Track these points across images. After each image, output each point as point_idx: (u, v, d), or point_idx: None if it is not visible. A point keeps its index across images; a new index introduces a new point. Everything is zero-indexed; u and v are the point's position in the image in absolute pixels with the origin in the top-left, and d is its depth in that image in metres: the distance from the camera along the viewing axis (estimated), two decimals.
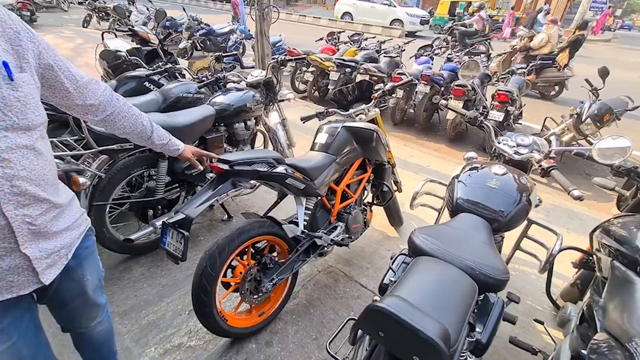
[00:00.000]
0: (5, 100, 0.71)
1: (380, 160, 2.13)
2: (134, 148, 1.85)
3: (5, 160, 0.72)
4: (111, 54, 3.27)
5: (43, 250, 0.83)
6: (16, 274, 0.80)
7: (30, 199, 0.78)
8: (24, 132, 0.75)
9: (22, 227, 0.77)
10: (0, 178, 0.72)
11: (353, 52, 6.24)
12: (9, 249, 0.77)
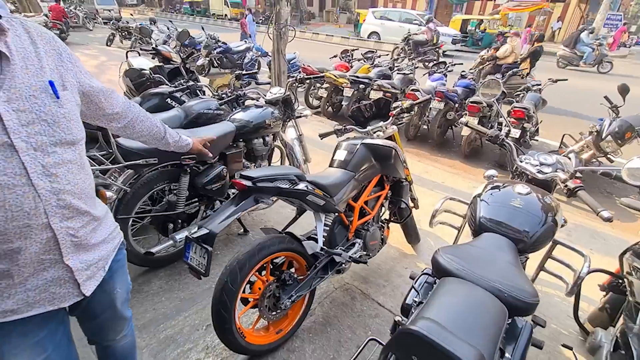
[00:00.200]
0: (53, 117, 0.76)
1: (398, 177, 2.13)
2: (157, 163, 1.90)
3: (53, 174, 0.76)
4: (136, 72, 3.41)
5: (83, 262, 0.86)
6: (59, 285, 0.82)
7: (74, 211, 0.82)
8: (69, 146, 0.80)
9: (66, 239, 0.80)
10: (49, 192, 0.75)
11: (366, 69, 6.33)
12: (53, 261, 0.80)
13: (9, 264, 0.74)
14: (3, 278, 0.75)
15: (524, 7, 16.84)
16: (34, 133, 0.72)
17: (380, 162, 1.99)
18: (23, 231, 0.73)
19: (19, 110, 0.70)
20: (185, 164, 1.99)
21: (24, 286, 0.77)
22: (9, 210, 0.70)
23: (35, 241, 0.75)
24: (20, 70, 0.71)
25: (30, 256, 0.76)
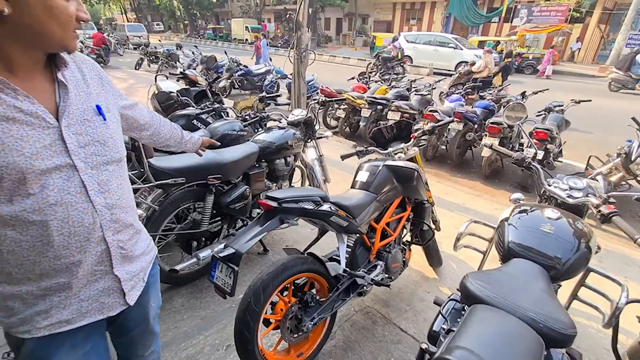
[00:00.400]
0: (104, 137, 0.82)
1: (420, 199, 2.12)
2: (185, 182, 1.96)
3: (106, 191, 0.82)
4: (165, 94, 3.59)
5: (129, 272, 0.90)
6: (107, 295, 0.86)
7: (122, 225, 0.87)
8: (117, 164, 0.86)
9: (116, 251, 0.85)
10: (104, 207, 0.81)
11: (384, 90, 6.42)
12: (104, 272, 0.85)
13: (69, 277, 0.79)
14: (63, 290, 0.79)
15: (541, 28, 16.85)
16: (90, 154, 0.78)
17: (402, 184, 1.99)
18: (83, 245, 0.78)
19: (77, 134, 0.76)
20: (210, 183, 2.06)
21: (77, 297, 0.81)
22: (72, 226, 0.76)
23: (91, 254, 0.81)
24: (74, 97, 0.78)
25: (87, 268, 0.81)
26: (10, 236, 0.71)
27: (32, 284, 0.76)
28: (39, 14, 0.65)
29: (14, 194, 0.69)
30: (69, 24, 0.70)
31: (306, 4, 4.32)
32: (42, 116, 0.71)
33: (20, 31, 0.66)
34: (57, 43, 0.72)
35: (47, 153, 0.71)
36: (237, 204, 2.19)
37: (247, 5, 32.67)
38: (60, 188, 0.73)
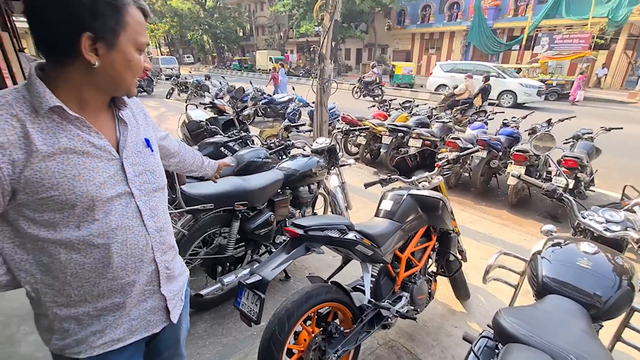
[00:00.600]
0: (152, 167, 0.90)
1: (445, 228, 2.09)
2: (213, 208, 2.03)
3: (156, 215, 0.88)
4: (195, 123, 3.80)
5: (172, 291, 0.95)
6: (154, 313, 0.91)
7: (167, 246, 0.93)
8: (161, 191, 0.93)
9: (163, 271, 0.91)
10: (154, 230, 0.87)
11: (404, 117, 6.49)
12: (153, 291, 0.90)
13: (123, 297, 0.84)
14: (117, 310, 0.84)
15: (564, 55, 16.70)
16: (143, 182, 0.86)
17: (427, 213, 1.97)
18: (137, 266, 0.84)
19: (133, 164, 0.84)
20: (237, 209, 2.12)
21: (129, 316, 0.86)
22: (130, 248, 0.82)
23: (144, 274, 0.86)
24: (131, 132, 0.87)
25: (139, 288, 0.86)
26: (75, 259, 0.76)
27: (89, 305, 0.81)
28: (120, 67, 0.75)
29: (82, 220, 0.75)
30: (138, 73, 0.80)
31: (329, 38, 4.54)
32: (108, 150, 0.79)
33: (100, 79, 0.75)
34: (125, 89, 0.81)
35: (112, 182, 0.79)
36: (262, 230, 2.23)
37: (272, 38, 34.52)
38: (120, 213, 0.80)
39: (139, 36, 0.77)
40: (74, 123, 0.74)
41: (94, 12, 0.68)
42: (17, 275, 0.77)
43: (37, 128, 0.69)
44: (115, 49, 0.73)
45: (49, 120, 0.71)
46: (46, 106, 0.69)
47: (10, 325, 1.96)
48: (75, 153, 0.73)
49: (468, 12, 23.29)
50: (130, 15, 0.74)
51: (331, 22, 4.45)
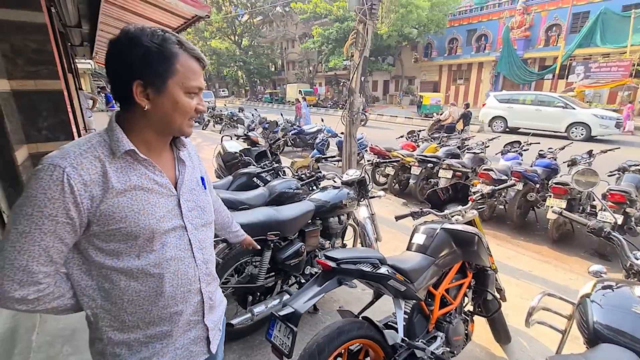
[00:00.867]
0: (203, 204, 0.97)
1: (482, 264, 2.00)
2: None
3: (204, 248, 0.94)
4: (230, 154, 4.00)
5: (213, 322, 0.99)
6: (196, 343, 0.94)
7: (211, 277, 0.98)
8: (209, 226, 1.00)
9: (207, 301, 0.95)
10: (202, 262, 0.93)
11: (434, 148, 6.44)
12: (197, 321, 0.94)
13: (171, 325, 0.88)
14: (165, 338, 0.88)
15: (602, 84, 16.10)
16: (194, 217, 0.93)
17: (462, 248, 1.92)
18: (185, 296, 0.89)
19: (187, 201, 0.92)
20: (269, 239, 2.16)
21: (174, 345, 0.90)
22: (180, 278, 0.88)
23: (190, 304, 0.91)
24: (187, 171, 0.95)
25: (185, 317, 0.90)
26: (132, 287, 0.83)
27: (140, 332, 0.86)
28: (168, 109, 0.83)
29: (142, 250, 0.83)
30: (187, 114, 0.87)
31: (359, 73, 4.72)
32: (168, 187, 0.88)
33: (154, 121, 0.84)
34: (177, 129, 0.87)
35: (169, 216, 0.86)
36: (293, 260, 2.25)
37: (301, 72, 36.22)
38: (174, 245, 0.87)
39: (188, 81, 0.82)
40: (143, 163, 0.83)
41: (144, 62, 0.77)
42: (81, 299, 0.84)
43: (113, 168, 0.79)
44: (163, 93, 0.80)
45: (123, 161, 0.81)
46: (122, 149, 0.79)
47: (54, 345, 2.07)
48: (142, 190, 0.82)
49: (496, 43, 23.35)
50: (180, 63, 0.81)
51: (360, 58, 4.65)
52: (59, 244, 0.76)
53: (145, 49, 0.77)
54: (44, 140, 2.76)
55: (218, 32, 33.99)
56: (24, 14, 2.47)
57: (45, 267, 0.76)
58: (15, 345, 2.03)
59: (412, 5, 21.22)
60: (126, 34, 0.78)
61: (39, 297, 0.78)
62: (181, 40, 0.82)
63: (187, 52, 0.83)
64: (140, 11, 4.15)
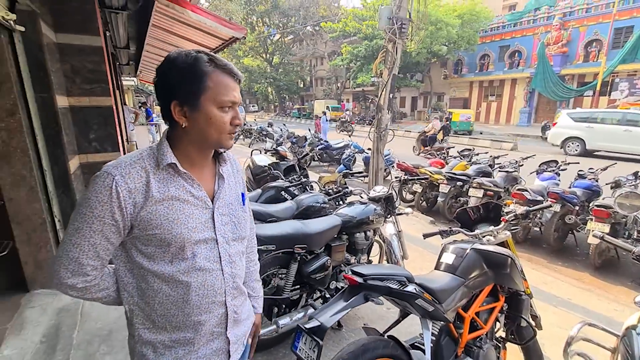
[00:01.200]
0: (239, 219, 1.00)
1: (515, 288, 1.92)
2: (274, 250, 2.14)
3: (233, 262, 0.97)
4: (259, 167, 4.13)
5: (236, 335, 1.00)
6: (217, 355, 0.96)
7: (238, 292, 1.00)
8: (242, 241, 1.03)
9: (232, 315, 0.97)
10: (229, 275, 0.96)
11: (463, 166, 6.28)
12: (219, 333, 0.96)
13: (194, 333, 0.92)
14: (187, 345, 0.92)
15: None
16: (227, 231, 0.96)
17: (494, 270, 1.85)
18: (209, 307, 0.92)
19: (222, 214, 0.96)
20: (296, 252, 2.20)
21: (196, 353, 0.93)
22: (206, 288, 0.91)
23: (214, 315, 0.94)
24: (226, 186, 1.00)
25: (208, 328, 0.93)
26: (163, 290, 0.89)
27: (166, 334, 0.91)
28: (202, 124, 0.88)
29: (174, 257, 0.88)
30: (222, 128, 0.88)
31: (387, 90, 4.77)
32: (204, 200, 0.92)
33: (194, 137, 0.90)
34: (215, 142, 0.91)
35: (202, 228, 0.91)
36: (318, 274, 2.27)
37: (329, 88, 36.88)
38: (204, 256, 0.91)
39: (220, 96, 0.85)
40: (183, 176, 0.89)
41: (179, 83, 0.84)
42: (122, 294, 0.92)
43: (156, 178, 0.86)
44: (198, 110, 0.85)
45: (165, 172, 0.88)
46: (165, 162, 0.87)
47: (93, 343, 2.19)
48: (178, 200, 0.88)
49: (531, 59, 22.68)
50: (211, 79, 0.85)
51: (389, 76, 4.70)
52: (105, 242, 0.84)
53: (179, 70, 0.84)
54: (93, 151, 3.01)
55: (251, 50, 35.57)
56: (85, 39, 2.75)
57: (93, 261, 0.85)
58: (58, 341, 2.18)
59: (442, 23, 21.21)
60: (166, 59, 0.86)
61: (86, 287, 0.87)
62: (213, 58, 0.87)
63: (218, 68, 0.86)
64: (182, 33, 4.47)
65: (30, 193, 2.45)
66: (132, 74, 11.35)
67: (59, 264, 0.83)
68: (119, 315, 2.40)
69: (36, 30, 2.34)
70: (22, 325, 2.27)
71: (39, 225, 2.53)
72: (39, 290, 2.62)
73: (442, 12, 22.09)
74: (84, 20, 2.74)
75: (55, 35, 2.67)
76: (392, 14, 4.42)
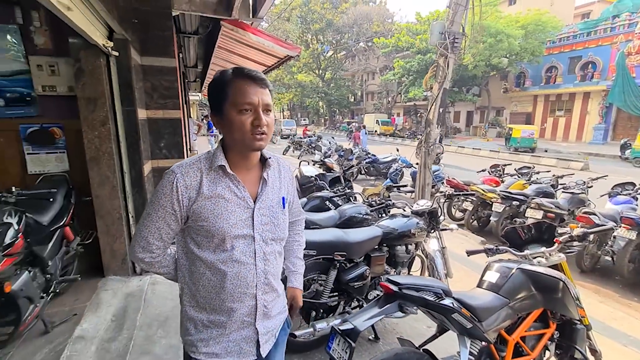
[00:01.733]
0: (278, 221, 1.10)
1: (568, 316, 1.78)
2: (315, 255, 2.24)
3: (267, 260, 1.06)
4: (306, 178, 4.31)
5: (266, 327, 1.09)
6: (246, 343, 1.06)
7: (269, 288, 1.08)
8: (279, 241, 1.12)
9: (261, 308, 1.06)
10: (262, 271, 1.04)
11: (521, 185, 5.87)
12: (249, 323, 1.06)
13: (227, 318, 1.03)
14: (220, 327, 1.04)
15: None
16: (265, 230, 1.05)
17: (543, 294, 1.75)
18: (241, 296, 1.03)
19: (262, 215, 1.05)
20: (336, 259, 2.28)
21: (227, 337, 1.04)
22: (239, 279, 1.02)
23: (245, 305, 1.04)
24: (269, 189, 1.11)
25: (239, 316, 1.04)
26: (206, 274, 1.02)
27: (204, 314, 1.03)
28: (227, 128, 1.00)
29: (217, 247, 1.01)
30: (243, 130, 0.96)
31: (437, 104, 4.70)
32: (246, 200, 1.04)
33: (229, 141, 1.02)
34: (241, 144, 0.99)
35: (241, 225, 1.02)
36: (357, 283, 2.31)
37: (380, 102, 36.79)
38: (241, 250, 1.02)
39: (237, 99, 0.94)
40: (229, 177, 1.03)
41: (211, 97, 1.00)
42: (178, 273, 1.09)
43: (207, 178, 1.01)
44: (224, 117, 0.97)
45: (215, 173, 1.02)
46: (216, 164, 1.01)
47: (152, 326, 2.46)
48: (223, 198, 1.00)
49: (608, 71, 20.44)
50: (230, 87, 0.95)
51: (440, 90, 4.63)
52: (167, 227, 1.01)
53: (211, 87, 1.00)
54: (162, 157, 3.42)
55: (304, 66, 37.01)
56: (163, 60, 3.19)
57: (157, 241, 1.02)
58: (125, 322, 2.49)
59: (503, 34, 20.16)
60: None
61: (151, 262, 1.06)
62: (235, 69, 0.99)
63: (238, 76, 0.96)
64: (243, 53, 4.91)
65: (112, 191, 2.87)
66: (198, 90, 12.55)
67: (134, 240, 1.04)
68: (174, 304, 2.67)
69: (127, 55, 2.78)
70: (98, 305, 2.64)
71: (116, 220, 2.93)
72: (112, 277, 3.01)
73: (503, 24, 21.04)
74: (164, 45, 3.18)
75: (141, 58, 3.13)
76: (444, 28, 4.39)
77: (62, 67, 2.81)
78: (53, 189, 2.54)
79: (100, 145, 2.77)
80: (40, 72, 2.79)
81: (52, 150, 2.93)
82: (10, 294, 1.82)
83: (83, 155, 2.77)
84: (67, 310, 2.56)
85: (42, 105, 2.86)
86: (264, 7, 3.24)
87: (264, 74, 1.00)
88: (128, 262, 3.05)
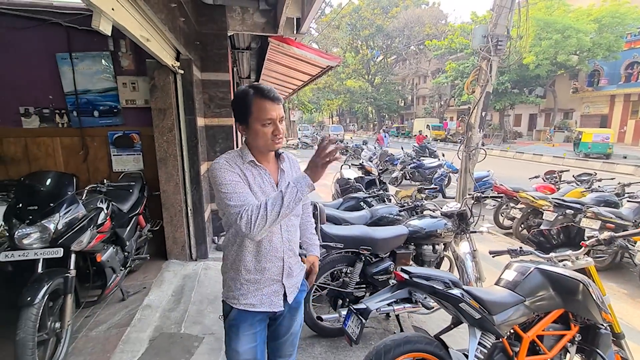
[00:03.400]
0: None
1: (592, 320, 1.77)
2: (342, 248, 2.46)
3: (289, 231, 1.37)
4: (344, 180, 4.54)
5: (289, 283, 1.39)
6: (276, 296, 1.36)
7: (292, 253, 1.39)
8: (296, 217, 1.42)
9: (287, 268, 1.37)
10: (287, 240, 1.35)
11: (579, 193, 5.43)
12: (277, 280, 1.35)
13: (260, 276, 1.33)
14: (255, 284, 1.33)
15: None
16: None
17: (562, 295, 1.76)
18: (272, 259, 1.33)
19: None
20: (361, 253, 2.47)
21: (261, 291, 1.34)
22: (271, 245, 1.32)
23: (274, 265, 1.34)
24: (286, 176, 1.40)
25: (270, 274, 1.34)
26: (248, 244, 1.31)
27: (245, 274, 1.32)
28: (252, 136, 1.29)
29: None
30: (265, 138, 1.26)
31: (479, 108, 4.62)
32: (272, 184, 1.34)
33: (252, 143, 1.32)
34: (263, 147, 1.29)
35: None
36: (381, 277, 2.48)
37: (431, 106, 35.57)
38: None
39: (260, 115, 1.22)
40: (259, 168, 1.33)
41: (236, 110, 1.28)
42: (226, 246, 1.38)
43: (245, 169, 1.30)
44: (248, 127, 1.25)
45: (250, 165, 1.32)
46: (247, 159, 1.31)
47: (203, 303, 2.87)
48: (256, 183, 1.31)
49: None
50: (254, 105, 1.22)
51: (482, 94, 4.56)
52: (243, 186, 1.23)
53: (235, 101, 1.28)
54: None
55: (354, 72, 37.24)
56: (219, 75, 3.69)
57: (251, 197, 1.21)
58: (182, 297, 2.94)
59: (571, 29, 18.38)
60: None
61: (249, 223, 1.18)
62: (257, 90, 1.23)
63: (258, 96, 1.22)
64: (289, 64, 5.32)
65: (175, 187, 3.39)
66: None
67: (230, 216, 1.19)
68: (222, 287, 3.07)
69: (190, 72, 3.30)
70: (162, 282, 3.13)
71: (178, 212, 3.45)
72: (174, 260, 3.52)
73: (571, 18, 19.19)
74: (220, 61, 3.68)
75: (201, 74, 3.65)
76: (487, 32, 4.34)
77: (141, 84, 3.41)
78: (132, 183, 3.11)
79: (168, 148, 3.30)
80: (125, 89, 3.42)
81: (131, 153, 3.56)
82: (100, 263, 2.33)
83: (154, 157, 3.33)
84: (139, 284, 3.09)
85: (125, 116, 3.49)
86: (305, 24, 3.58)
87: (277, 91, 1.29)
88: (186, 249, 3.55)
